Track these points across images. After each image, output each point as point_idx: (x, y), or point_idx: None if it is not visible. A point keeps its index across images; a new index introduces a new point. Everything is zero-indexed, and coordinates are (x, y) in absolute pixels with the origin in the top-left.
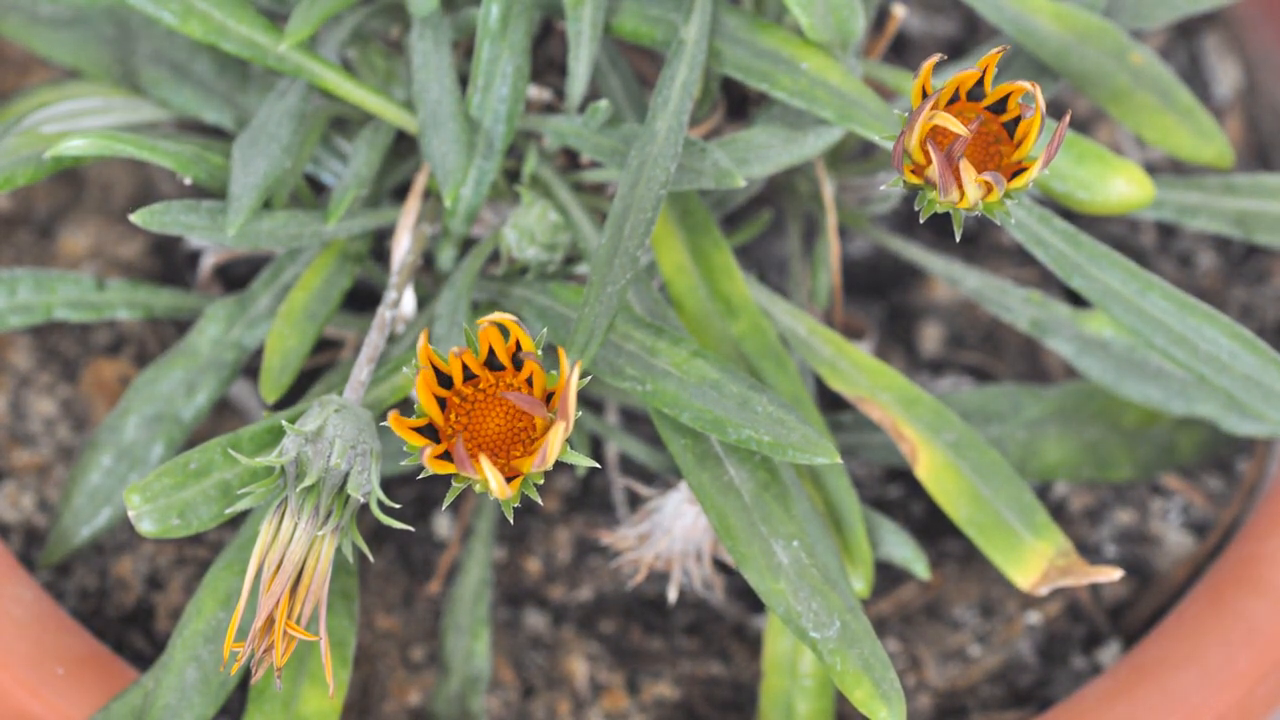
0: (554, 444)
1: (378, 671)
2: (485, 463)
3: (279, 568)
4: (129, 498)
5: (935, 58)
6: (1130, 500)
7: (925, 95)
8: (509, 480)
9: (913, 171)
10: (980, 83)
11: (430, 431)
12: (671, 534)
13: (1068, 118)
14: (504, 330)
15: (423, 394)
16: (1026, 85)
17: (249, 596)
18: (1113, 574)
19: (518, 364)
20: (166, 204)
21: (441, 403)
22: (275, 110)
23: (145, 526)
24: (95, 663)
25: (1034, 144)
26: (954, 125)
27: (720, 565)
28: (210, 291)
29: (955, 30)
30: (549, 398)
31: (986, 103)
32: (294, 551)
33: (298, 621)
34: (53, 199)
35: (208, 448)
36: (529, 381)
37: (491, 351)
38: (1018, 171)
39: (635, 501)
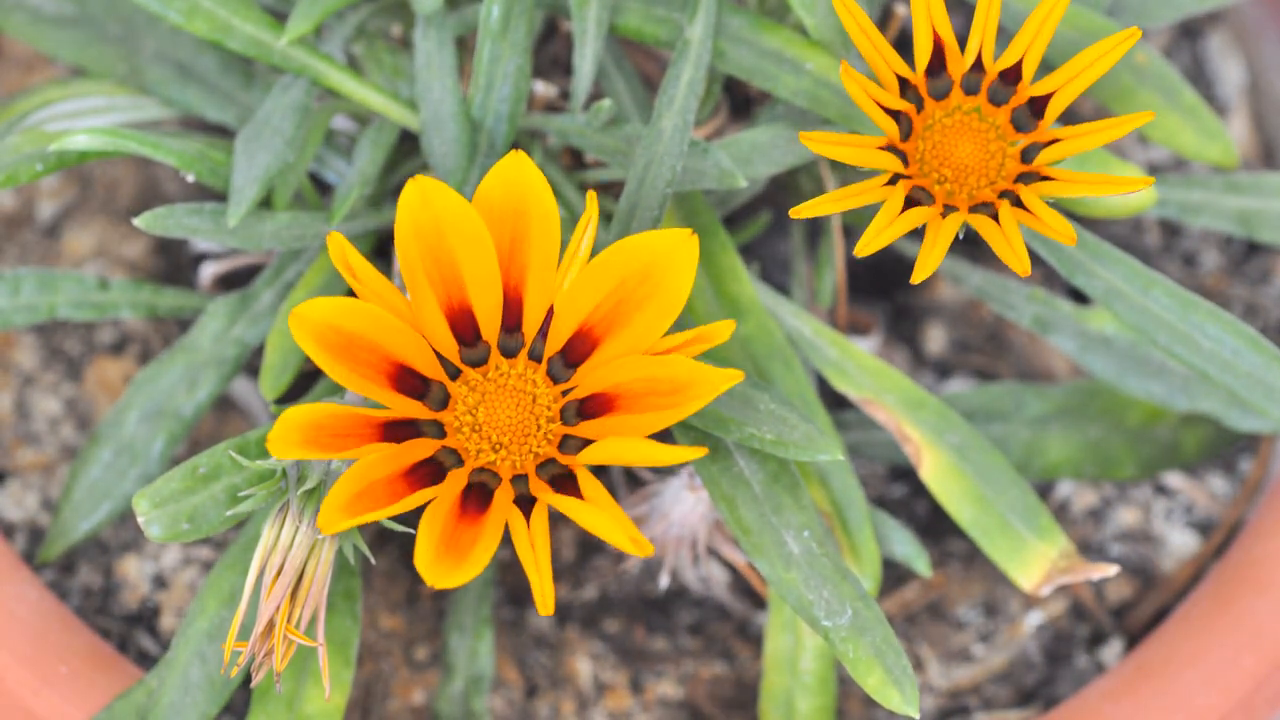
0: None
1: (381, 670)
2: (530, 565)
3: (280, 572)
4: (138, 503)
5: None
6: (1134, 499)
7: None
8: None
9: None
10: (978, 67)
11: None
12: (669, 519)
13: (1125, 176)
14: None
15: (337, 366)
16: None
17: (250, 601)
18: (1108, 570)
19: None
20: (170, 207)
21: (443, 398)
22: (279, 104)
23: (154, 532)
24: (99, 661)
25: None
26: (856, 79)
27: (721, 562)
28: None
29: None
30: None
31: (988, 80)
32: (295, 556)
33: (298, 625)
34: (58, 199)
35: (216, 452)
36: (535, 355)
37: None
38: (1024, 174)
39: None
